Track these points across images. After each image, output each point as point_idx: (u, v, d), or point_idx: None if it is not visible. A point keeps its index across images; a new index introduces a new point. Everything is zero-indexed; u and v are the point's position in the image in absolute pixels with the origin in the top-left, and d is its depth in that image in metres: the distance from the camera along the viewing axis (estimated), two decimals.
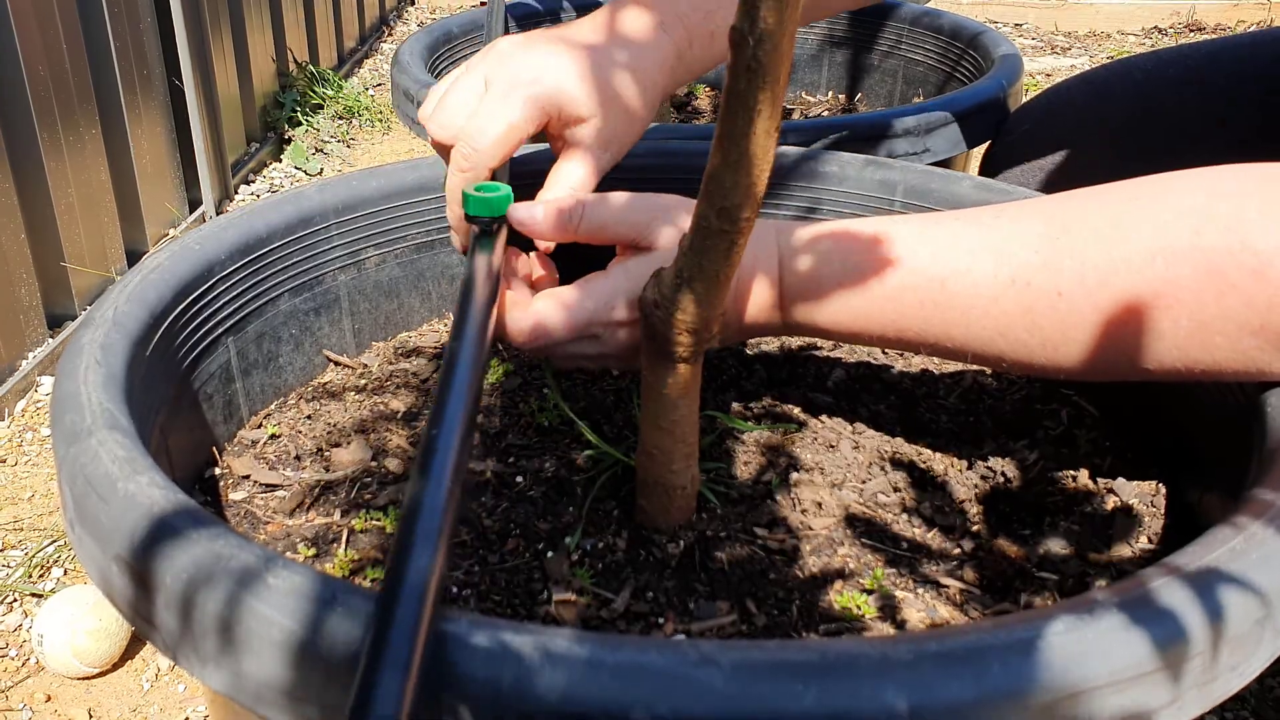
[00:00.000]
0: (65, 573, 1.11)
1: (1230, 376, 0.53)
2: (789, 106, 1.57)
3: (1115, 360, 0.53)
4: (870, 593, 0.56)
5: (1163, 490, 0.64)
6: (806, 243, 0.59)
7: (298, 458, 0.68)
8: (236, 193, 2.09)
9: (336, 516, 0.63)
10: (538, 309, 0.59)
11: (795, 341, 0.81)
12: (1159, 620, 0.39)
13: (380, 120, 2.56)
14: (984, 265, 0.54)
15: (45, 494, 1.23)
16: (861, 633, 0.53)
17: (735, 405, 0.73)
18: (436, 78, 1.24)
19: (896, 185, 0.83)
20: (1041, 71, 2.89)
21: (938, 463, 0.67)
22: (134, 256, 1.73)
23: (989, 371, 0.79)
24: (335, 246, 0.78)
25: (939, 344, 0.58)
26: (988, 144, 1.18)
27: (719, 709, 0.35)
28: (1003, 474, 0.65)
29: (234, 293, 0.70)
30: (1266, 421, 0.54)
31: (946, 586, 0.57)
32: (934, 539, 0.61)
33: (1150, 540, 0.60)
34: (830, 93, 1.61)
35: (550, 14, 1.57)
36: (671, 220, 0.60)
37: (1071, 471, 0.65)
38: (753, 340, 0.81)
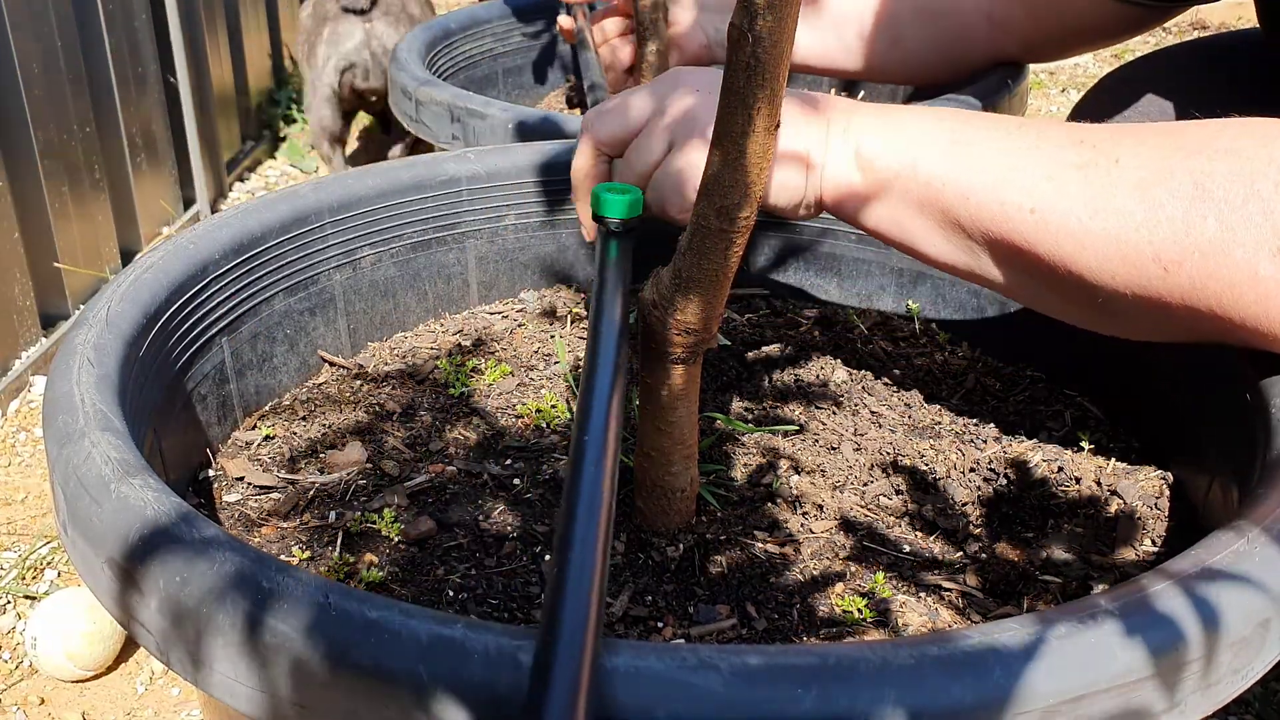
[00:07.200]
0: (59, 575, 1.11)
1: (1251, 333, 0.51)
2: None
3: (1145, 263, 0.52)
4: (871, 596, 0.55)
5: (1166, 492, 0.63)
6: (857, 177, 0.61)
7: (292, 459, 0.68)
8: (231, 191, 2.09)
9: (331, 519, 0.62)
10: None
11: (796, 342, 0.81)
12: (1160, 624, 0.39)
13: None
14: (1061, 129, 0.57)
15: (39, 495, 1.22)
16: (862, 637, 0.53)
17: (735, 406, 0.72)
18: (434, 74, 1.23)
19: None
20: (1045, 69, 2.89)
21: (940, 465, 0.66)
22: (128, 256, 1.72)
23: (992, 373, 0.78)
24: (330, 245, 0.77)
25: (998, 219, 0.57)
26: None
27: (718, 714, 0.35)
28: (1005, 476, 0.65)
29: (228, 292, 0.70)
30: (1272, 423, 0.53)
31: (948, 590, 0.56)
32: (936, 542, 0.60)
33: (1154, 543, 0.60)
34: (832, 90, 1.60)
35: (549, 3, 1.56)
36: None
37: (1075, 474, 0.65)
38: (753, 341, 0.80)
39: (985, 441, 0.69)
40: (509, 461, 0.66)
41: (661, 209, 0.62)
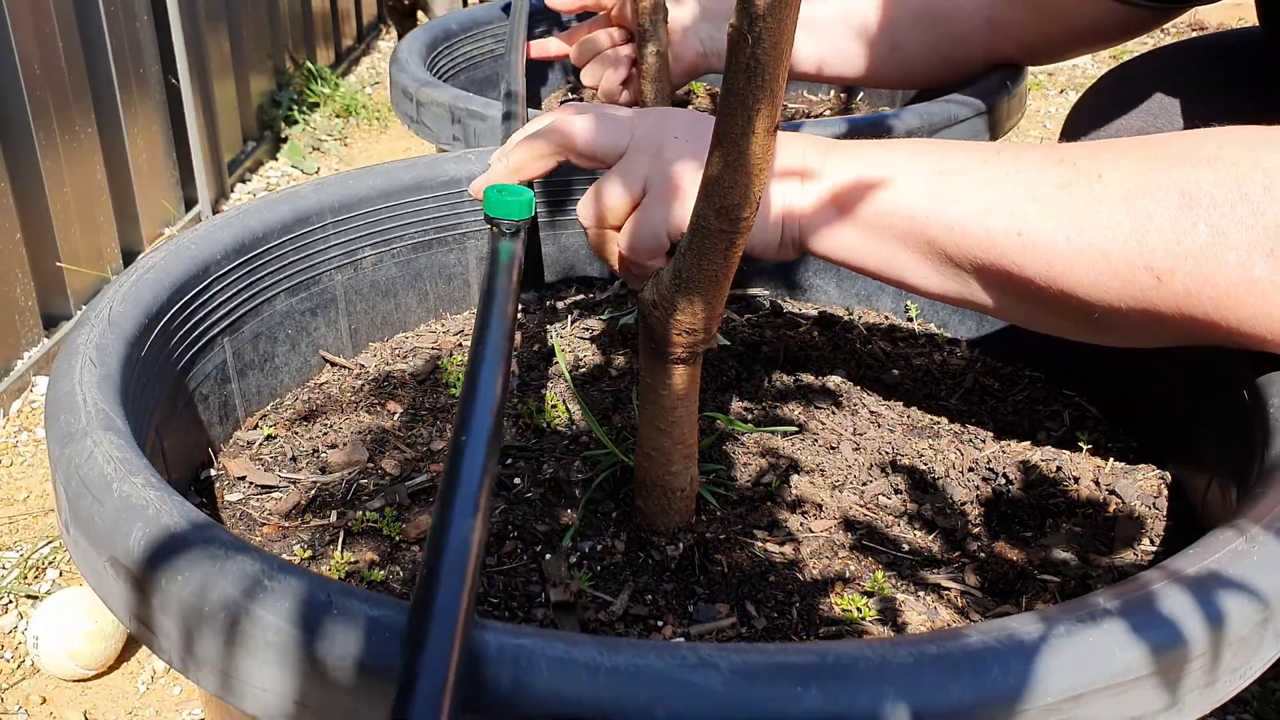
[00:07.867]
0: (61, 574, 1.11)
1: (1249, 337, 0.51)
2: (793, 106, 1.57)
3: (1137, 274, 0.52)
4: (870, 595, 0.56)
5: (1165, 492, 0.64)
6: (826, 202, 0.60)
7: (294, 459, 0.68)
8: (233, 191, 2.09)
9: (333, 518, 0.62)
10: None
11: (796, 342, 0.81)
12: (1160, 623, 0.39)
13: (378, 119, 2.56)
14: (1039, 151, 0.57)
15: (41, 495, 1.23)
16: (861, 636, 0.53)
17: (735, 406, 0.72)
18: (435, 75, 1.23)
19: None
20: (1044, 70, 2.89)
21: (939, 464, 0.66)
22: (130, 256, 1.72)
23: (991, 374, 0.78)
24: (332, 246, 0.77)
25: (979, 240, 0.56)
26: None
27: (717, 712, 0.35)
28: (1004, 476, 0.65)
29: (230, 293, 0.70)
30: (1270, 422, 0.53)
31: (948, 589, 0.57)
32: (935, 541, 0.61)
33: (1152, 542, 0.60)
34: (831, 92, 1.60)
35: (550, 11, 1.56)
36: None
37: (1073, 473, 0.65)
38: (753, 341, 0.80)
39: (984, 441, 0.69)
40: (509, 461, 0.66)
41: (634, 254, 0.60)
